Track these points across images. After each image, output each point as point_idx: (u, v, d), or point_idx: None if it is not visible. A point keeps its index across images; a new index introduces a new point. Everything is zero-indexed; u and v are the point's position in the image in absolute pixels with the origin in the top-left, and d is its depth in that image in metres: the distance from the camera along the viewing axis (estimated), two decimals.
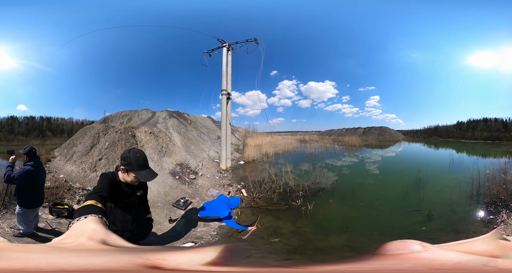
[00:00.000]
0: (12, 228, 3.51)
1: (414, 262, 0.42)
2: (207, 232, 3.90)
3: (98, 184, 2.08)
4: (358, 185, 6.76)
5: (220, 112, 8.33)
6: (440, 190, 5.81)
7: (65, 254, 0.43)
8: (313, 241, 3.52)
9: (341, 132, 38.92)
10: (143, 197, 2.80)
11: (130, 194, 2.46)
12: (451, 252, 0.44)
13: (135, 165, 2.21)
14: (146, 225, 2.90)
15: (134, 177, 2.26)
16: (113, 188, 2.20)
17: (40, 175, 3.39)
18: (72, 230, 0.60)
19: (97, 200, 1.36)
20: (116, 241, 0.54)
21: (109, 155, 6.36)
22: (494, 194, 4.73)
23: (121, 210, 2.43)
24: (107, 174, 2.30)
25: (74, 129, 23.32)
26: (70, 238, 0.54)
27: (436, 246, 0.46)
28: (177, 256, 0.42)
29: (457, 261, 0.42)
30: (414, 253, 0.44)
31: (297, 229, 3.93)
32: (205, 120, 16.66)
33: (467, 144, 24.83)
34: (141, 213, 2.77)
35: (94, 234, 0.55)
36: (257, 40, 8.51)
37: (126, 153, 2.25)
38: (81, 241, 0.51)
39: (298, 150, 14.63)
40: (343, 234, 3.81)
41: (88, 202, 1.32)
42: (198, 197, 5.61)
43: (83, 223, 0.67)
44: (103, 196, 1.68)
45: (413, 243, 0.46)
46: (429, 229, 3.85)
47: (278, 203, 5.08)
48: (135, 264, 0.39)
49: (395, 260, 0.43)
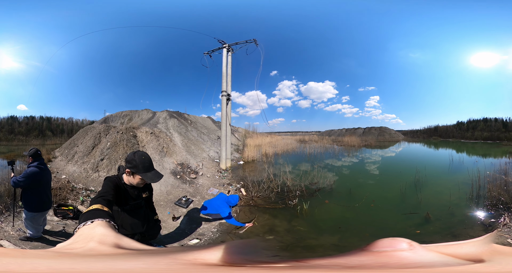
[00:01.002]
0: (18, 231, 3.44)
1: (390, 259, 0.42)
2: (208, 229, 4.03)
3: (103, 188, 2.07)
4: (356, 185, 6.74)
5: (220, 112, 8.39)
6: (439, 192, 5.73)
7: (72, 259, 0.41)
8: (305, 240, 3.57)
9: (341, 132, 38.92)
10: (149, 199, 2.80)
11: (136, 197, 2.46)
12: (433, 253, 0.44)
13: (141, 167, 2.22)
14: (155, 227, 2.91)
15: (140, 179, 2.26)
16: (118, 192, 2.19)
17: (45, 176, 3.35)
18: (78, 235, 0.58)
19: (102, 204, 1.33)
20: (131, 244, 0.51)
21: (111, 155, 6.42)
22: (495, 196, 4.60)
23: (129, 213, 2.42)
24: (111, 177, 2.29)
25: (74, 129, 23.38)
26: (78, 243, 0.51)
27: (423, 246, 0.45)
28: (205, 254, 0.41)
29: (431, 262, 0.41)
30: (398, 252, 0.44)
31: (292, 228, 4.01)
32: (205, 120, 16.73)
33: (467, 144, 24.76)
34: (149, 215, 2.78)
35: (104, 239, 0.53)
36: (256, 41, 8.58)
37: (131, 156, 2.25)
38: (91, 246, 0.49)
39: (297, 151, 14.68)
40: (336, 234, 3.83)
41: (93, 206, 1.28)
42: (199, 195, 5.71)
43: (90, 227, 0.65)
44: (109, 200, 1.67)
45: (402, 241, 0.46)
46: (426, 232, 3.77)
47: (275, 202, 5.18)
48: (180, 263, 0.38)
49: (374, 257, 0.43)
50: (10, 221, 3.65)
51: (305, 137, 24.92)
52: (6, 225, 3.60)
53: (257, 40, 8.59)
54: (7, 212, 3.91)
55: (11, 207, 3.84)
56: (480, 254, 0.44)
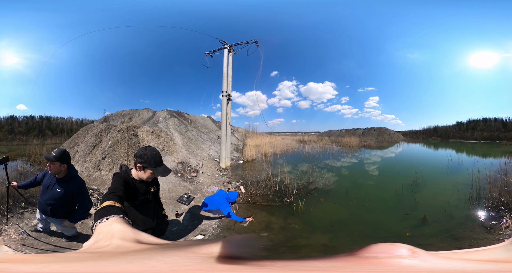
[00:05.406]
0: (21, 234, 3.25)
1: (388, 268, 0.37)
2: (210, 225, 4.14)
3: (113, 184, 2.08)
4: (353, 186, 6.72)
5: (220, 112, 8.45)
6: (437, 193, 5.62)
7: (112, 259, 0.42)
8: (295, 239, 3.59)
9: (340, 133, 38.98)
10: (156, 194, 2.83)
11: (145, 191, 2.49)
12: (455, 260, 0.39)
13: (152, 162, 2.26)
14: (164, 222, 2.94)
15: (150, 173, 2.30)
16: (128, 187, 2.22)
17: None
18: (99, 233, 0.59)
19: (115, 200, 1.34)
20: (149, 239, 0.53)
21: (113, 154, 6.46)
22: (495, 197, 4.49)
23: (139, 209, 2.45)
24: (120, 173, 2.31)
25: (74, 129, 23.41)
26: (101, 241, 0.52)
27: (431, 253, 0.40)
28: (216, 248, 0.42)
29: (456, 270, 0.36)
30: (396, 259, 0.38)
31: (287, 226, 4.06)
32: (205, 120, 16.79)
33: (466, 145, 24.73)
34: (158, 210, 2.81)
35: (124, 235, 0.54)
36: (257, 42, 8.64)
37: (143, 151, 2.29)
38: (115, 243, 0.50)
39: (296, 151, 14.73)
40: (328, 233, 3.82)
41: (106, 203, 1.28)
42: (200, 193, 5.81)
43: (106, 225, 0.65)
44: (120, 196, 1.68)
45: (400, 247, 0.41)
46: (422, 234, 3.65)
47: (272, 200, 5.27)
48: (199, 257, 0.39)
49: (366, 264, 0.38)
50: (13, 223, 3.52)
51: (304, 137, 24.97)
52: (9, 228, 3.41)
53: (258, 41, 8.65)
54: (10, 213, 3.69)
55: (13, 208, 3.76)
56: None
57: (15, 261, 0.42)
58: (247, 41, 8.67)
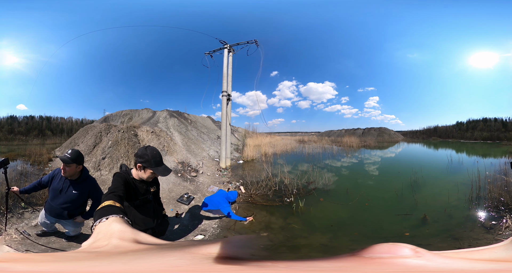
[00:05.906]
0: (21, 233, 3.25)
1: (395, 268, 0.37)
2: (210, 225, 4.13)
3: (113, 184, 2.07)
4: (353, 185, 6.71)
5: (220, 112, 8.45)
6: (437, 193, 5.61)
7: (110, 258, 0.42)
8: (295, 239, 3.57)
9: (340, 133, 38.99)
10: (156, 194, 2.82)
11: (145, 191, 2.49)
12: (459, 260, 0.39)
13: (153, 162, 2.26)
14: (164, 222, 2.93)
15: (151, 173, 2.29)
16: (128, 187, 2.21)
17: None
18: (98, 233, 0.59)
19: (114, 200, 1.34)
20: (148, 239, 0.53)
21: (113, 154, 6.46)
22: (495, 198, 4.49)
23: (139, 209, 2.45)
24: (120, 173, 2.29)
25: (73, 128, 23.41)
26: (100, 241, 0.53)
27: (434, 253, 0.40)
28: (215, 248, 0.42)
29: (463, 269, 0.36)
30: (400, 259, 0.38)
31: (286, 225, 4.05)
32: (205, 120, 16.79)
33: (466, 145, 24.71)
34: (158, 210, 2.80)
35: (123, 235, 0.54)
36: (257, 42, 8.63)
37: (143, 151, 2.28)
38: (114, 243, 0.50)
39: (296, 151, 14.73)
40: (328, 233, 3.81)
41: (106, 202, 1.28)
42: (200, 193, 5.80)
43: (106, 224, 0.66)
44: (120, 195, 1.68)
45: (403, 247, 0.41)
46: (422, 234, 3.65)
47: (272, 200, 5.26)
48: (202, 257, 0.39)
49: (370, 264, 0.38)
50: (13, 223, 3.50)
51: (304, 137, 24.97)
52: (9, 227, 3.40)
53: (258, 41, 8.65)
54: (10, 213, 3.63)
55: (13, 208, 3.71)
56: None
57: (14, 260, 0.42)
58: (247, 41, 8.67)
